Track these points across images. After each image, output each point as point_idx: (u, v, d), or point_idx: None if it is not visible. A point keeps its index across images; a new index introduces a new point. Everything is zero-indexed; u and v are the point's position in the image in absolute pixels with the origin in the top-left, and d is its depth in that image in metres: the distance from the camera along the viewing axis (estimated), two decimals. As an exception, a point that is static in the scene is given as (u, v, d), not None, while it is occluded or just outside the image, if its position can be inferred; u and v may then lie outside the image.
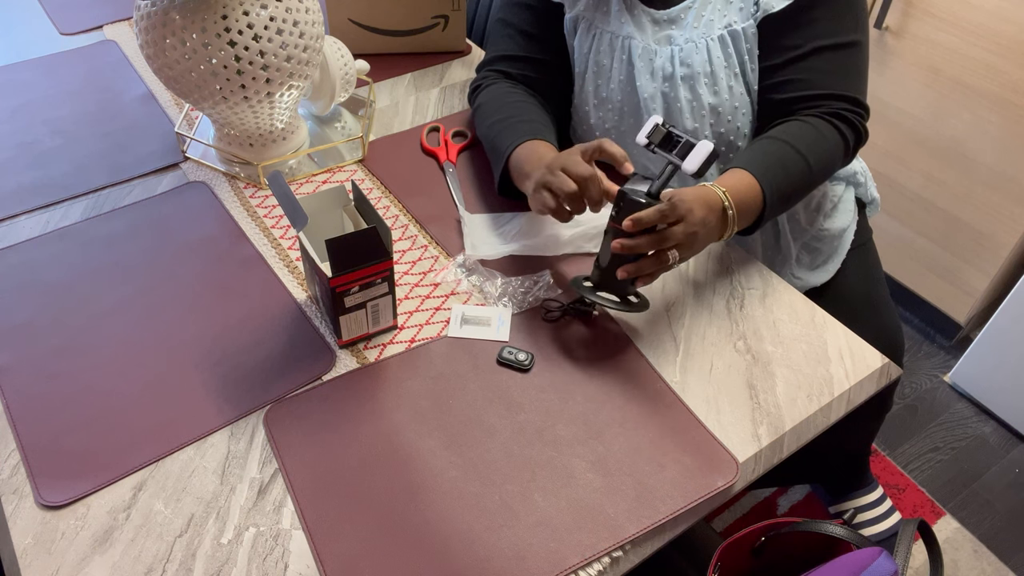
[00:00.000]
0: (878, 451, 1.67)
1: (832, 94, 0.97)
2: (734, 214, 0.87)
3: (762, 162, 0.92)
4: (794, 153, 0.93)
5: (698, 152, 0.83)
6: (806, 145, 0.94)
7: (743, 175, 0.90)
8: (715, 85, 1.00)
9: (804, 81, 0.98)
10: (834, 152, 0.97)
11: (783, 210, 0.96)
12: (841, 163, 1.00)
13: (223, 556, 0.71)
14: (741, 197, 0.89)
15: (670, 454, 0.79)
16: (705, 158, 0.83)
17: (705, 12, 0.99)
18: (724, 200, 0.87)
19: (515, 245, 0.99)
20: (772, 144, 0.95)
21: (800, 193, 0.96)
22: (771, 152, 0.94)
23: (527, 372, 0.87)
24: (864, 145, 1.03)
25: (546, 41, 1.10)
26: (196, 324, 0.91)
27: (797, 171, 0.93)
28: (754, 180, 0.90)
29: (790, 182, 0.93)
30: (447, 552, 0.71)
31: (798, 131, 0.95)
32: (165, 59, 0.97)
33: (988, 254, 1.70)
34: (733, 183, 0.89)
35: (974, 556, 1.49)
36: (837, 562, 0.83)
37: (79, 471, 0.76)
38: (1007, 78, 1.53)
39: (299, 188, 1.10)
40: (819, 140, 0.95)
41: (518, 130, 1.00)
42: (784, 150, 0.94)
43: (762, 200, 0.90)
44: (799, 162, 0.93)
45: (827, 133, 0.96)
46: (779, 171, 0.92)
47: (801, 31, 0.97)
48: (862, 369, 0.89)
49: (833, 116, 0.97)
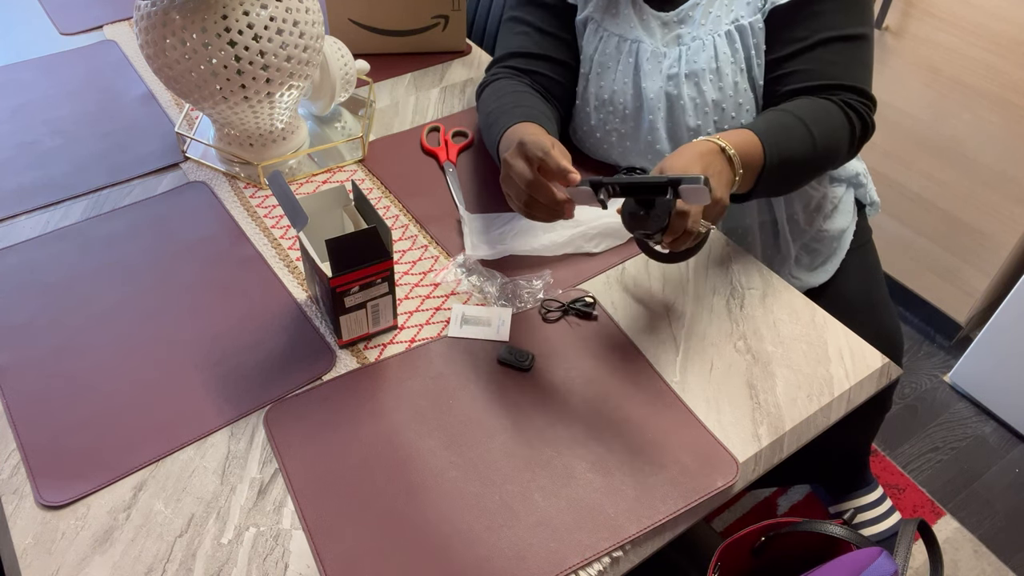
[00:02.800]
0: (878, 451, 1.67)
1: (840, 84, 0.97)
2: (733, 153, 0.86)
3: (764, 125, 0.92)
4: (798, 122, 0.93)
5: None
6: (812, 118, 0.94)
7: (743, 131, 0.90)
8: (720, 81, 1.00)
9: (811, 72, 0.97)
10: (840, 132, 0.96)
11: (785, 180, 0.95)
12: (847, 149, 0.98)
13: (223, 556, 0.71)
14: (739, 147, 0.87)
15: (670, 454, 0.79)
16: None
17: (713, 8, 0.99)
18: (718, 142, 0.86)
19: (515, 245, 0.99)
20: (776, 112, 0.95)
21: (803, 164, 0.94)
22: (774, 118, 0.94)
23: (527, 372, 0.87)
24: (870, 139, 1.02)
25: (561, 40, 1.10)
26: (196, 324, 0.91)
27: (799, 138, 0.92)
28: (754, 136, 0.90)
29: (792, 147, 0.92)
30: (447, 552, 0.71)
31: (802, 104, 0.95)
32: (165, 59, 0.97)
33: (988, 254, 1.70)
34: (730, 134, 0.89)
35: (974, 556, 1.49)
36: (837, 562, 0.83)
37: (79, 471, 0.76)
38: (1007, 78, 1.53)
39: (299, 188, 1.10)
40: (826, 116, 0.95)
41: (513, 114, 1.00)
42: (789, 119, 0.93)
43: (762, 155, 0.89)
44: (803, 131, 0.93)
45: (834, 112, 0.96)
46: (781, 134, 0.92)
47: (808, 23, 0.96)
48: (862, 369, 0.89)
49: (842, 102, 0.97)
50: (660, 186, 0.76)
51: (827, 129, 0.94)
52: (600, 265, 0.99)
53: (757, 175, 0.91)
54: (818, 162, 0.96)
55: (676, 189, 0.75)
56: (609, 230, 1.00)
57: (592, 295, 0.95)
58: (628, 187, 0.78)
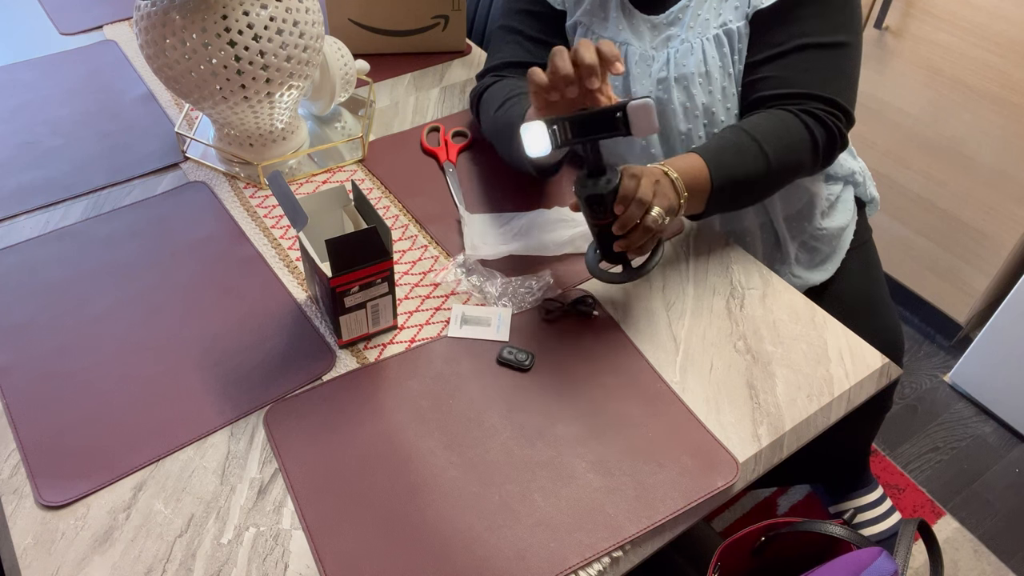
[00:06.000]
0: (878, 451, 1.67)
1: (808, 93, 0.96)
2: (676, 177, 0.86)
3: (715, 146, 0.92)
4: (751, 142, 0.92)
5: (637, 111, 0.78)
6: (763, 134, 0.93)
7: (690, 156, 0.90)
8: (709, 85, 1.00)
9: (782, 79, 0.97)
10: (799, 146, 0.94)
11: (739, 196, 0.94)
12: (811, 162, 0.97)
13: (223, 556, 0.71)
14: (683, 172, 0.88)
15: (670, 454, 0.79)
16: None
17: (701, 11, 0.99)
18: (662, 168, 0.86)
19: (515, 245, 0.99)
20: (728, 131, 0.94)
21: (758, 181, 0.93)
22: (724, 137, 0.93)
23: (527, 372, 0.87)
24: (843, 150, 1.01)
25: (551, 47, 1.10)
26: (196, 324, 0.91)
27: (751, 158, 0.92)
28: (700, 160, 0.89)
29: (743, 168, 0.91)
30: (447, 552, 0.71)
31: (759, 121, 0.94)
32: (165, 59, 0.97)
33: (988, 254, 1.70)
34: (677, 160, 0.89)
35: (974, 556, 1.49)
36: (837, 562, 0.83)
37: (79, 471, 0.76)
38: (1007, 78, 1.53)
39: (299, 188, 1.10)
40: (784, 132, 0.94)
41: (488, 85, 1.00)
42: (742, 138, 0.92)
43: (708, 179, 0.89)
44: (755, 150, 0.92)
45: (792, 126, 0.94)
46: (729, 154, 0.91)
47: (787, 28, 0.96)
48: (862, 369, 0.89)
49: (805, 114, 0.95)
50: (610, 117, 0.79)
51: (783, 145, 0.93)
52: (600, 265, 0.99)
53: (707, 197, 0.91)
54: (774, 178, 0.95)
55: (626, 115, 0.78)
56: (609, 230, 1.00)
57: (592, 295, 0.95)
58: (580, 120, 0.81)
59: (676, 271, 0.99)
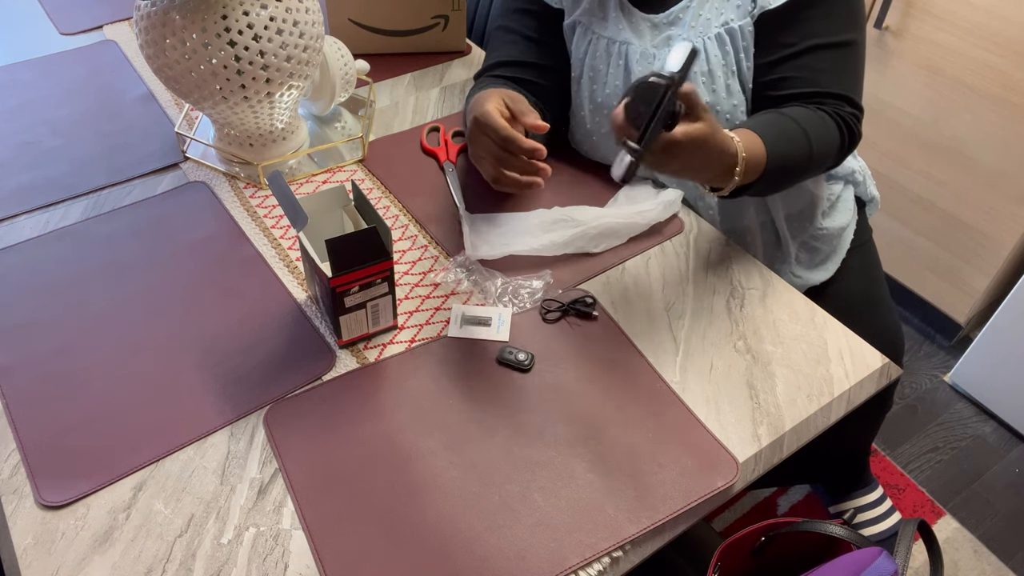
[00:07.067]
0: (878, 451, 1.67)
1: (828, 92, 0.98)
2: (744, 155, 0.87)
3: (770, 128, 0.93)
4: (799, 129, 0.94)
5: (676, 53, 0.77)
6: (810, 125, 0.95)
7: (751, 134, 0.91)
8: (713, 84, 1.00)
9: (800, 79, 0.98)
10: (833, 142, 0.97)
11: (777, 183, 0.96)
12: (835, 157, 1.00)
13: (223, 556, 0.71)
14: (749, 151, 0.89)
15: (670, 454, 0.79)
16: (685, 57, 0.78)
17: (703, 11, 0.99)
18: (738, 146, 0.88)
19: (515, 245, 0.99)
20: (777, 116, 0.95)
21: (797, 172, 0.96)
22: (777, 122, 0.94)
23: (527, 372, 0.87)
24: (857, 147, 1.03)
25: (549, 46, 1.10)
26: (196, 324, 0.91)
27: (798, 144, 0.94)
28: (759, 139, 0.91)
29: (790, 153, 0.93)
30: (447, 552, 0.71)
31: (803, 112, 0.96)
32: (165, 59, 0.97)
33: (988, 254, 1.70)
34: (744, 136, 0.90)
35: (974, 556, 1.49)
36: (837, 562, 0.83)
37: (79, 471, 0.76)
38: (1007, 78, 1.53)
39: (299, 188, 1.10)
40: (822, 125, 0.96)
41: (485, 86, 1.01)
42: (790, 124, 0.94)
43: (765, 158, 0.91)
44: (803, 138, 0.94)
45: (828, 122, 0.97)
46: (783, 138, 0.93)
47: (797, 28, 0.97)
48: (862, 369, 0.89)
49: (834, 113, 0.98)
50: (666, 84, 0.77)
51: (822, 138, 0.96)
52: (600, 265, 0.99)
53: (757, 177, 0.91)
54: (810, 169, 0.98)
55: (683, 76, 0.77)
56: (609, 230, 1.00)
57: (592, 295, 0.95)
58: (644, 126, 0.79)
59: (676, 271, 0.99)
